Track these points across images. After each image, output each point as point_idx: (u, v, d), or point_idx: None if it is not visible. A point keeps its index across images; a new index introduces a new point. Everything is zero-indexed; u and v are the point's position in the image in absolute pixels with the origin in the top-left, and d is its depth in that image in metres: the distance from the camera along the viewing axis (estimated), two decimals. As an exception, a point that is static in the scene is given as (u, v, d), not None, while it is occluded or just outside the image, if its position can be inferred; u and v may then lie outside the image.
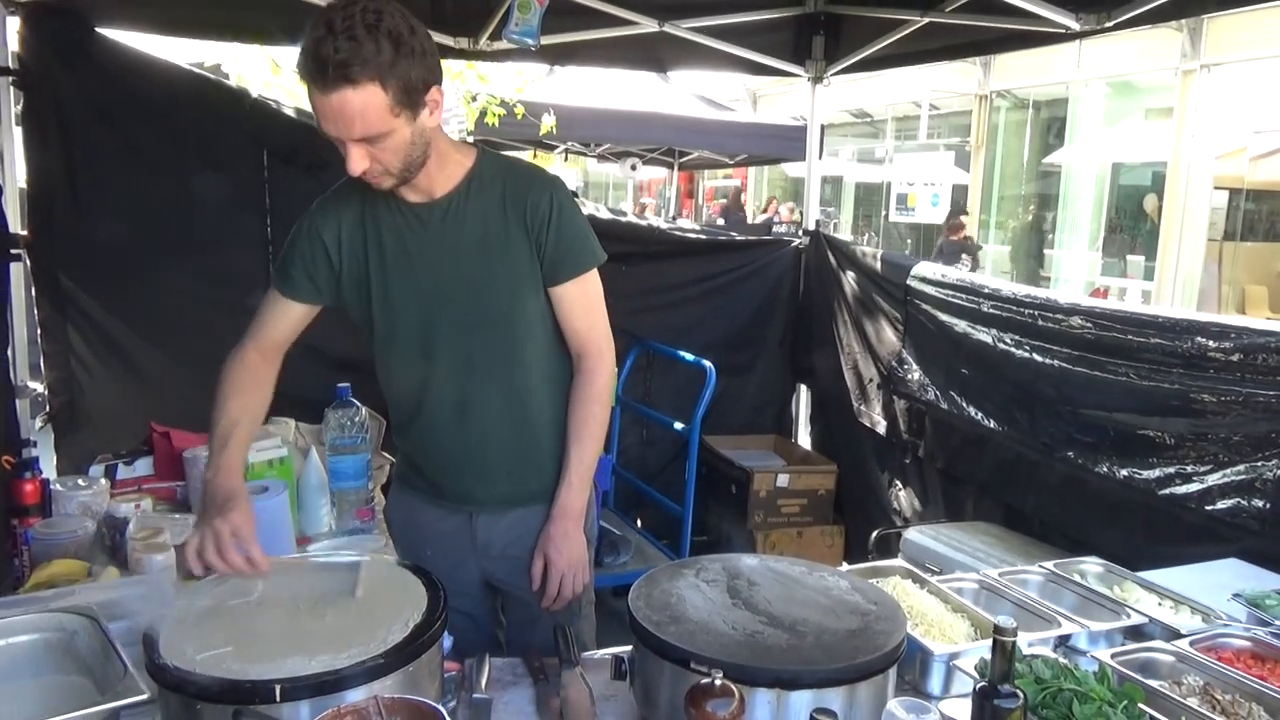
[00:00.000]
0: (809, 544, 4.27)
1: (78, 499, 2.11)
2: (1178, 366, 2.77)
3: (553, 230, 1.73)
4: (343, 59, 1.46)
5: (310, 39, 1.48)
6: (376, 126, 1.53)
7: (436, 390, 1.80)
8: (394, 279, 1.75)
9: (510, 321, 1.76)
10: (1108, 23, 3.23)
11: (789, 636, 1.41)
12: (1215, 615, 1.81)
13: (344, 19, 1.47)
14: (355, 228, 1.76)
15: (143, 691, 1.28)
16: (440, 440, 1.84)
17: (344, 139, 1.55)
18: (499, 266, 1.74)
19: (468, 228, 1.73)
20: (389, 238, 1.75)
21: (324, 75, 1.47)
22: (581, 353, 1.82)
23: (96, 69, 3.44)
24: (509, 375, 1.80)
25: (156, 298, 3.60)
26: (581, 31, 4.01)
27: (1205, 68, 11.43)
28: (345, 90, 1.48)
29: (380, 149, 1.57)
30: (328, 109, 1.51)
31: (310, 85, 1.51)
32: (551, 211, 1.73)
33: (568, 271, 1.76)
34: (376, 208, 1.75)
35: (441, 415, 1.81)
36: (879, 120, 18.57)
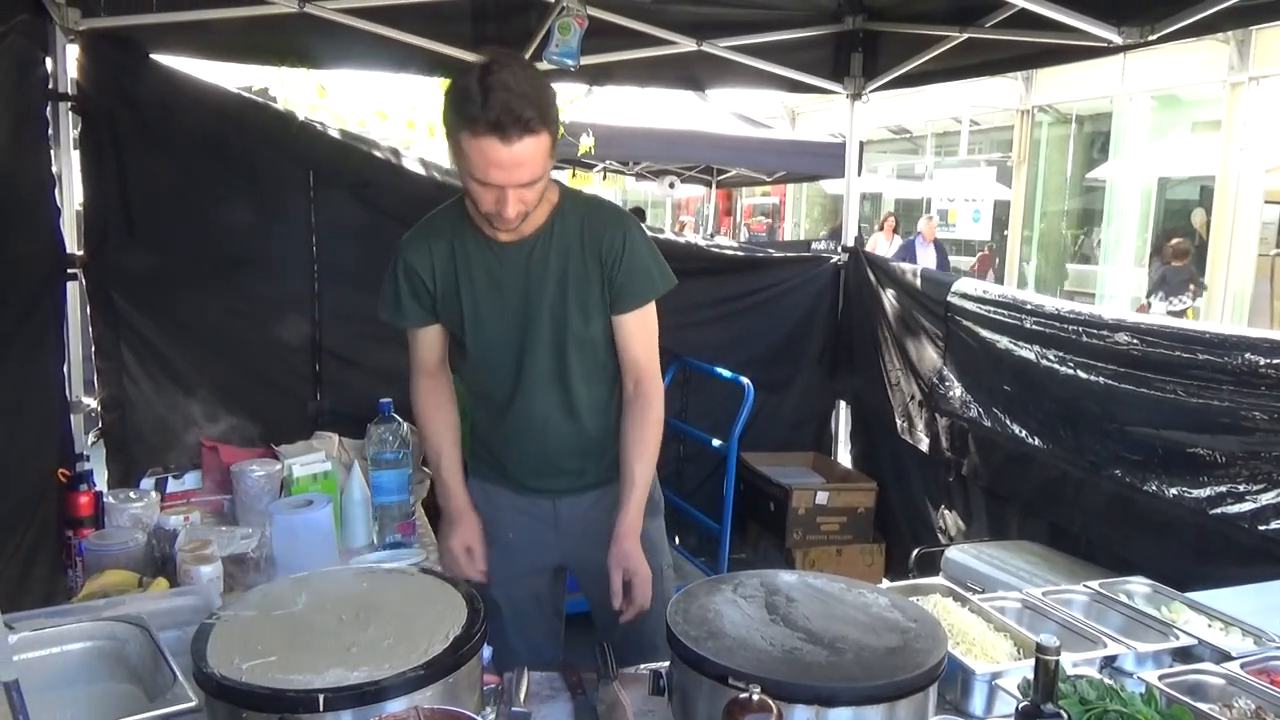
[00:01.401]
0: (848, 562, 4.22)
1: (129, 511, 2.16)
2: (1228, 383, 2.71)
3: (622, 266, 1.90)
4: (530, 115, 1.61)
5: (489, 97, 1.59)
6: (539, 171, 1.70)
7: (522, 401, 1.97)
8: (484, 307, 1.92)
9: (581, 341, 1.94)
10: (1151, 36, 3.18)
11: (828, 653, 1.40)
12: (1268, 638, 1.76)
13: (513, 75, 1.62)
14: (447, 261, 1.91)
15: (191, 699, 1.31)
16: (524, 445, 2.01)
17: (509, 185, 1.68)
18: (575, 296, 1.91)
19: (550, 263, 1.89)
20: (479, 272, 1.91)
21: (511, 127, 1.60)
22: (639, 378, 1.97)
23: (150, 94, 3.54)
24: (586, 385, 1.97)
25: (206, 316, 3.68)
26: (620, 52, 4.04)
27: (1254, 80, 11.21)
28: (527, 140, 1.63)
29: (531, 191, 1.73)
30: (505, 158, 1.63)
31: (487, 137, 1.61)
32: (623, 249, 1.90)
33: (631, 303, 1.93)
34: (466, 244, 1.91)
35: (527, 423, 1.98)
36: (919, 136, 18.46)
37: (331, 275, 3.84)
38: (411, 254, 1.93)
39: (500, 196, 1.70)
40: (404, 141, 7.55)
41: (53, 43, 3.26)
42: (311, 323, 3.84)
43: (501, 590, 2.06)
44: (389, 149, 4.10)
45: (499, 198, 1.70)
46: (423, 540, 2.37)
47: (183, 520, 2.19)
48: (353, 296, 3.87)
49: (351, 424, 3.00)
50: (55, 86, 3.28)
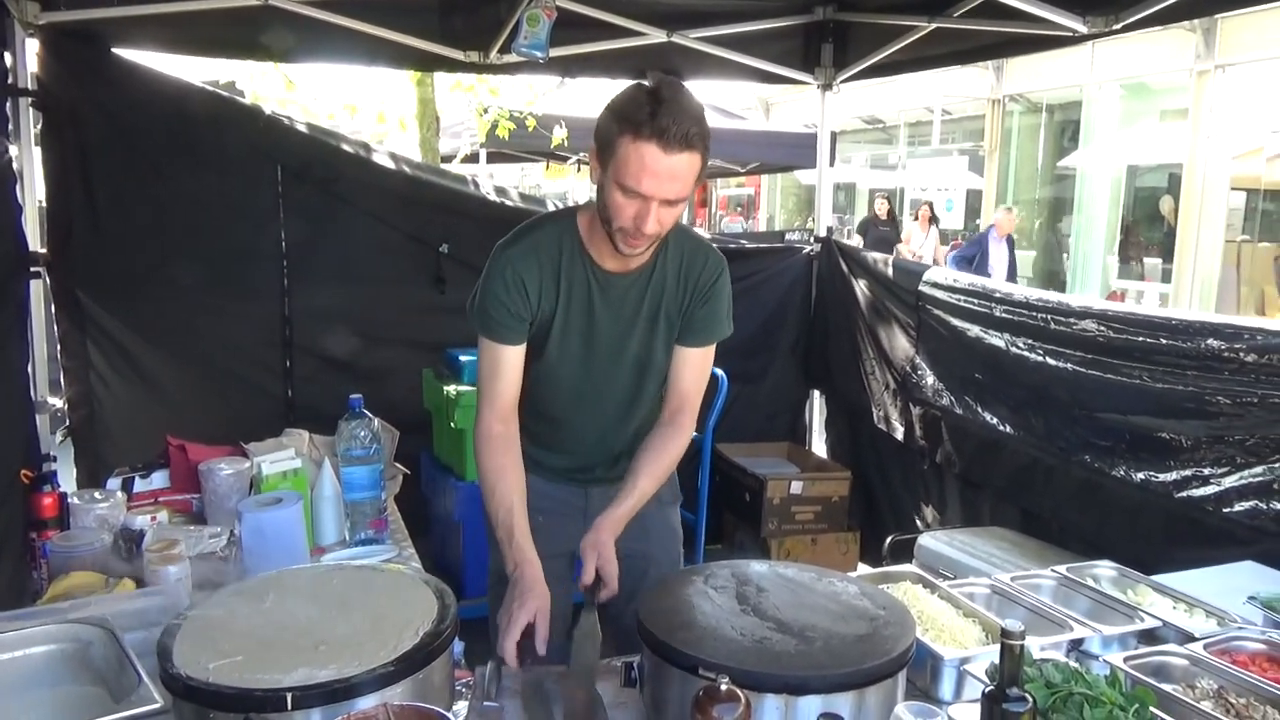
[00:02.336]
0: (823, 551, 4.25)
1: (95, 512, 2.13)
2: (1192, 369, 2.75)
3: (708, 306, 1.95)
4: (694, 130, 1.65)
5: (654, 106, 1.64)
6: (686, 191, 1.72)
7: (587, 419, 2.01)
8: (573, 328, 1.92)
9: (660, 371, 1.99)
10: (1116, 25, 3.21)
11: (797, 642, 1.41)
12: (1230, 618, 1.80)
13: (681, 93, 1.68)
14: (551, 281, 1.89)
15: (156, 701, 1.30)
16: (578, 452, 2.05)
17: (656, 197, 1.69)
18: (662, 330, 1.95)
19: (648, 299, 1.93)
20: (577, 296, 1.90)
21: (674, 137, 1.64)
22: (679, 409, 1.98)
23: (113, 89, 3.49)
24: (646, 406, 2.03)
25: (173, 313, 3.65)
26: (590, 43, 4.03)
27: (1220, 68, 11.34)
28: (686, 154, 1.66)
29: (671, 212, 1.74)
30: (662, 168, 1.66)
31: (648, 144, 1.64)
32: (713, 292, 1.95)
33: (700, 340, 1.98)
34: (573, 267, 1.89)
35: (586, 436, 2.03)
36: (891, 126, 18.54)
37: (301, 270, 3.82)
38: (522, 265, 1.86)
39: (642, 210, 1.69)
40: (375, 135, 7.49)
41: (11, 37, 3.21)
42: (281, 319, 3.81)
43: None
44: (359, 143, 4.07)
45: (640, 211, 1.70)
46: (394, 536, 2.36)
47: (150, 520, 2.16)
48: (323, 292, 3.85)
49: (322, 420, 2.98)
50: (15, 82, 3.23)
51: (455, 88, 7.52)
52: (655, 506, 2.07)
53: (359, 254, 3.90)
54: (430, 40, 3.86)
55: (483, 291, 1.89)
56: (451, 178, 4.26)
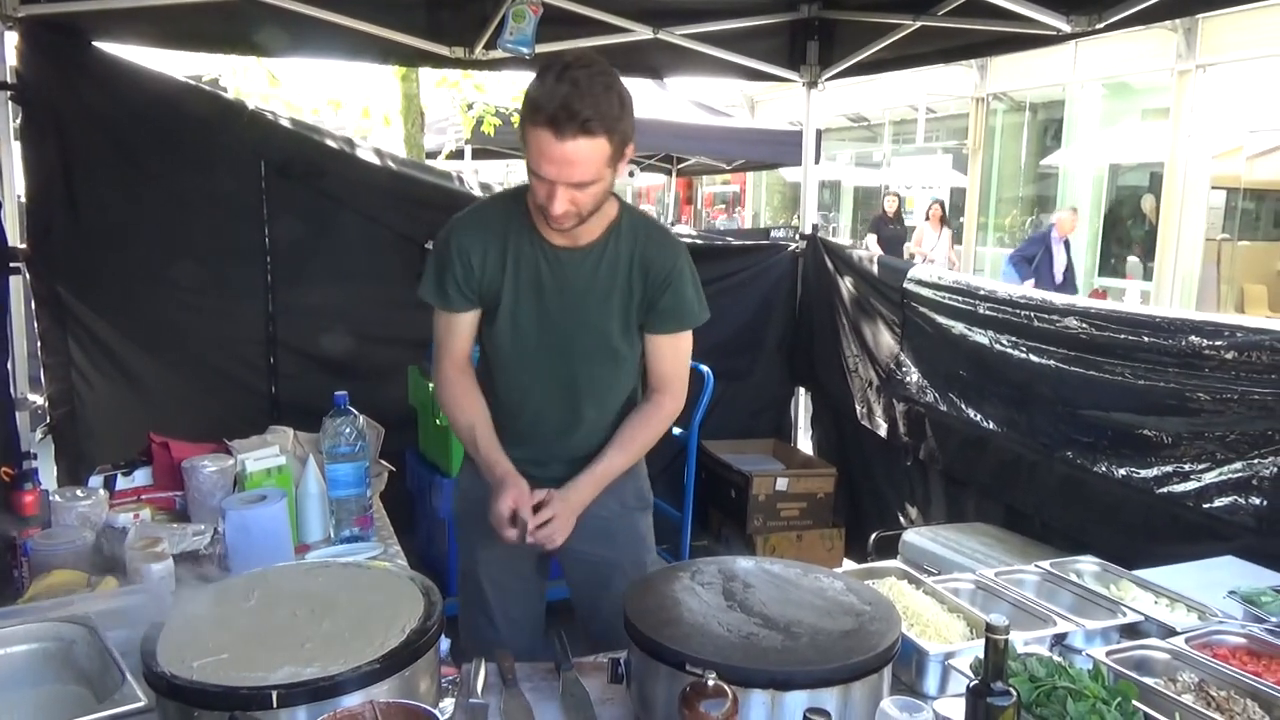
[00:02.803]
0: (808, 547, 4.27)
1: (76, 510, 2.11)
2: (1173, 366, 2.78)
3: (668, 294, 1.93)
4: (588, 115, 1.63)
5: (555, 91, 1.63)
6: (592, 174, 1.70)
7: (543, 403, 1.99)
8: (523, 307, 1.92)
9: (617, 355, 1.97)
10: (1098, 24, 3.24)
11: (784, 638, 1.41)
12: (1211, 613, 1.82)
13: (588, 77, 1.65)
14: (497, 253, 1.90)
15: (140, 699, 1.29)
16: (538, 444, 2.01)
17: (559, 182, 1.69)
18: (617, 311, 1.93)
19: (599, 278, 1.91)
20: (525, 269, 1.90)
21: (567, 125, 1.62)
22: (659, 388, 2.01)
23: (94, 83, 3.46)
24: (606, 396, 2.01)
25: (156, 309, 3.62)
26: (576, 40, 4.02)
27: (1200, 68, 11.45)
28: (581, 140, 1.64)
29: (583, 194, 1.73)
30: (558, 154, 1.66)
31: (543, 130, 1.64)
32: (673, 278, 1.92)
33: (670, 328, 1.97)
34: (520, 240, 1.90)
35: (545, 424, 2.00)
36: (876, 124, 18.62)
37: (285, 267, 3.80)
38: (466, 236, 1.91)
39: (550, 192, 1.71)
40: (360, 131, 7.45)
41: (-11, 30, 3.17)
42: (265, 315, 3.79)
43: (486, 571, 2.07)
44: (343, 138, 4.05)
45: (549, 193, 1.71)
46: (380, 534, 2.35)
47: (132, 518, 2.14)
48: (307, 288, 3.83)
49: (307, 417, 2.97)
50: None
51: (441, 83, 7.50)
52: (620, 510, 2.07)
53: (344, 251, 3.88)
54: (415, 36, 3.84)
55: (431, 263, 1.94)
56: (436, 174, 4.24)
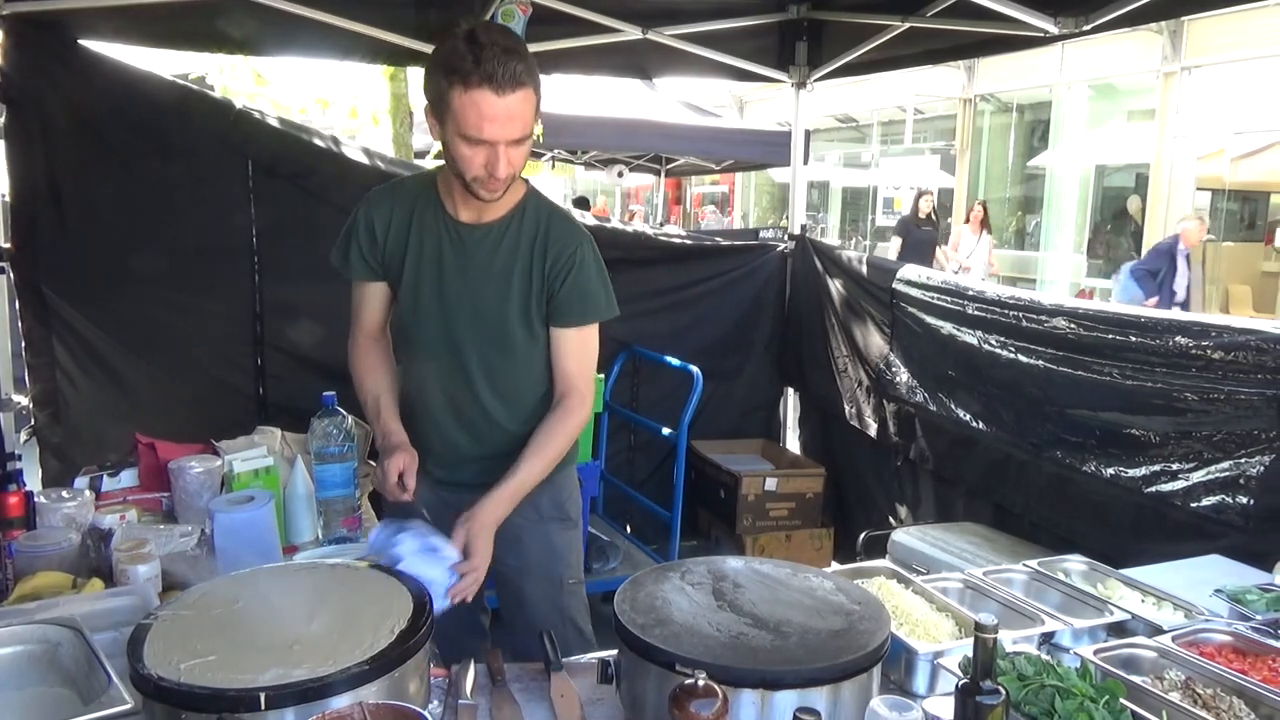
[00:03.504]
0: (798, 547, 4.27)
1: (62, 511, 2.10)
2: (1160, 366, 2.79)
3: (568, 282, 1.89)
4: (518, 67, 1.66)
5: (475, 53, 1.64)
6: (528, 128, 1.72)
7: (439, 385, 1.97)
8: (423, 282, 1.92)
9: (513, 343, 1.92)
10: (1085, 26, 3.26)
11: (773, 637, 1.42)
12: (1197, 611, 1.83)
13: (500, 35, 1.68)
14: (402, 226, 1.93)
15: (127, 701, 1.28)
16: (433, 429, 1.99)
17: (502, 140, 1.70)
18: (515, 297, 1.90)
19: (499, 257, 1.90)
20: (429, 245, 1.91)
21: (504, 79, 1.65)
22: (566, 392, 1.94)
23: (80, 81, 3.43)
24: (507, 388, 1.96)
25: (142, 309, 3.60)
26: (565, 39, 4.02)
27: (1186, 70, 11.53)
28: (519, 93, 1.67)
29: (518, 153, 1.74)
30: (499, 110, 1.67)
31: (479, 90, 1.65)
32: (573, 264, 1.89)
33: (571, 319, 1.92)
34: (425, 215, 1.92)
35: (439, 408, 1.98)
36: (864, 125, 18.67)
37: (273, 267, 3.77)
38: (374, 207, 1.95)
39: (491, 155, 1.71)
40: (348, 130, 7.43)
41: (-27, 28, 3.14)
42: (252, 315, 3.77)
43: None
44: (330, 137, 4.03)
45: (490, 157, 1.71)
46: (369, 534, 2.34)
47: (119, 519, 2.13)
48: (295, 288, 3.81)
49: (295, 418, 2.95)
50: (-23, 73, 3.17)
51: (429, 83, 7.47)
52: (534, 519, 2.02)
53: (331, 249, 3.85)
54: (404, 35, 3.83)
55: (343, 230, 1.98)
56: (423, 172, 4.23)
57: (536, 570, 2.06)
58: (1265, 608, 1.81)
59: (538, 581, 2.06)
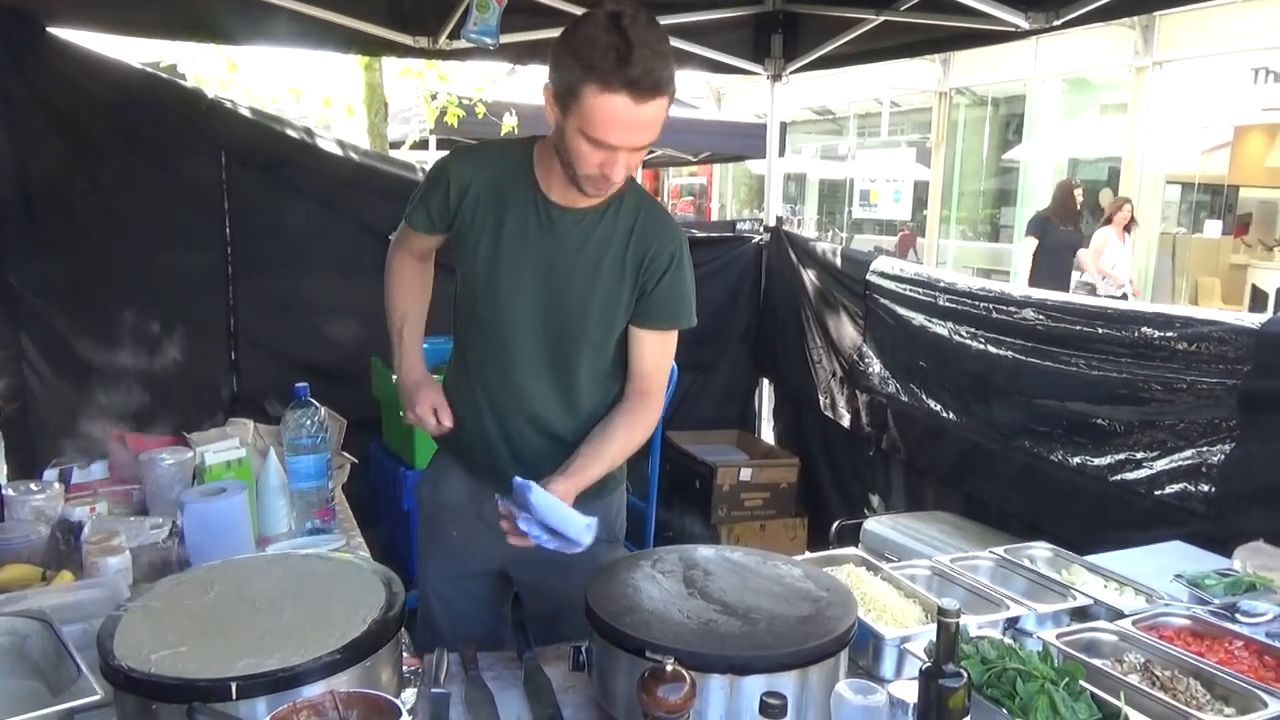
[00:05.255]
0: (772, 537, 4.31)
1: (30, 504, 2.08)
2: (1125, 356, 2.84)
3: (664, 283, 1.78)
4: (666, 75, 1.53)
5: (623, 52, 1.49)
6: (656, 135, 1.60)
7: (505, 372, 1.84)
8: (504, 260, 1.78)
9: (591, 338, 1.81)
10: (1056, 21, 3.30)
11: (742, 624, 1.44)
12: (1157, 596, 1.87)
13: (650, 33, 1.53)
14: (484, 197, 1.78)
15: (96, 693, 1.28)
16: (488, 416, 1.88)
17: (626, 147, 1.59)
18: (602, 290, 1.78)
19: (590, 246, 1.76)
20: (512, 222, 1.77)
21: (646, 86, 1.52)
22: (641, 389, 1.86)
23: (48, 69, 3.39)
24: (571, 381, 1.84)
25: (111, 301, 3.56)
26: (541, 30, 4.00)
27: (1157, 64, 11.66)
28: (658, 100, 1.55)
29: (638, 157, 1.64)
30: (633, 119, 1.54)
31: (619, 95, 1.51)
32: (670, 266, 1.78)
33: (660, 323, 1.82)
34: (513, 189, 1.77)
35: (500, 395, 1.86)
36: (841, 117, 18.74)
37: (246, 258, 3.75)
38: (457, 165, 1.82)
39: (610, 159, 1.59)
40: (321, 121, 7.37)
41: (-63, 14, 3.09)
42: (225, 307, 3.75)
43: (436, 591, 2.00)
44: (304, 129, 4.00)
45: (607, 160, 1.59)
46: (343, 526, 2.34)
47: (89, 511, 2.11)
48: (268, 280, 3.79)
49: (268, 410, 2.94)
50: (-59, 61, 3.12)
51: (404, 73, 7.42)
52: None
53: (305, 242, 3.84)
54: (379, 24, 3.81)
55: (421, 184, 1.88)
56: (400, 165, 4.21)
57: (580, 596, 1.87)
58: (1223, 592, 1.85)
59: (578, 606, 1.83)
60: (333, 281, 3.87)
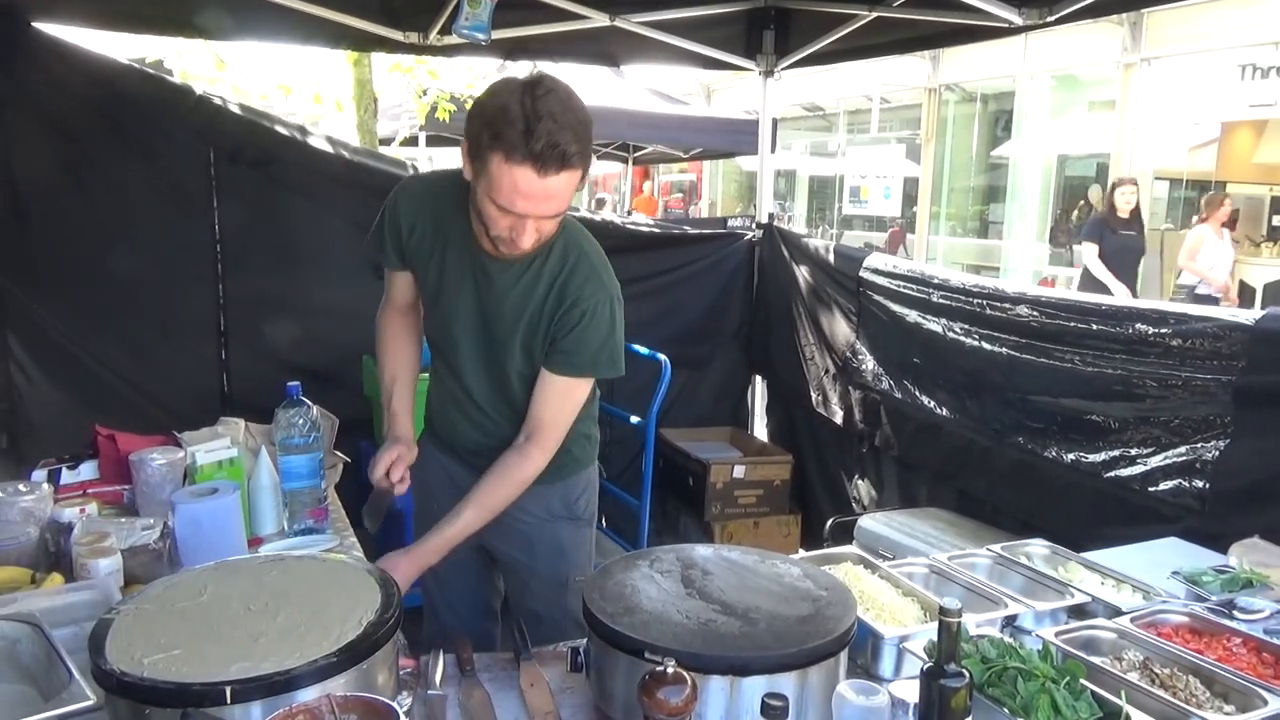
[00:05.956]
0: (765, 534, 4.30)
1: (19, 505, 2.05)
2: (1120, 352, 2.84)
3: (572, 336, 1.81)
4: (573, 149, 1.55)
5: (529, 124, 1.51)
6: (565, 205, 1.64)
7: (463, 381, 1.97)
8: (446, 290, 1.88)
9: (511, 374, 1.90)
10: (1049, 17, 3.30)
11: (742, 624, 1.43)
12: (1155, 593, 1.87)
13: (560, 100, 1.55)
14: (426, 234, 1.86)
15: (89, 698, 1.26)
16: (456, 420, 2.04)
17: (533, 216, 1.61)
18: (524, 335, 1.85)
19: (515, 293, 1.82)
20: (452, 260, 1.85)
21: (551, 161, 1.53)
22: (532, 435, 1.87)
23: (34, 66, 3.35)
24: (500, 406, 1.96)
25: (100, 300, 3.53)
26: (533, 26, 3.99)
27: (1145, 61, 11.70)
28: (564, 174, 1.57)
29: (551, 224, 1.67)
30: (537, 190, 1.56)
31: (521, 168, 1.54)
32: (581, 320, 1.81)
33: (565, 369, 1.85)
34: (452, 230, 1.83)
35: (458, 405, 2.01)
36: (831, 114, 18.76)
37: (236, 256, 3.72)
38: (405, 201, 1.90)
39: (518, 225, 1.62)
40: (311, 117, 7.32)
41: (-79, 9, 3.06)
42: (215, 305, 3.71)
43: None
44: (294, 125, 3.97)
45: (515, 225, 1.62)
46: (336, 526, 2.32)
47: (78, 513, 2.08)
48: (258, 278, 3.76)
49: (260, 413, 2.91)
50: (-75, 57, 3.08)
51: (394, 69, 7.39)
52: (543, 518, 2.03)
53: (296, 240, 3.81)
54: (369, 20, 3.78)
55: (377, 220, 1.94)
56: (390, 162, 4.19)
57: (543, 569, 2.05)
58: (1220, 589, 1.85)
59: (544, 580, 2.05)
60: (324, 280, 3.84)
